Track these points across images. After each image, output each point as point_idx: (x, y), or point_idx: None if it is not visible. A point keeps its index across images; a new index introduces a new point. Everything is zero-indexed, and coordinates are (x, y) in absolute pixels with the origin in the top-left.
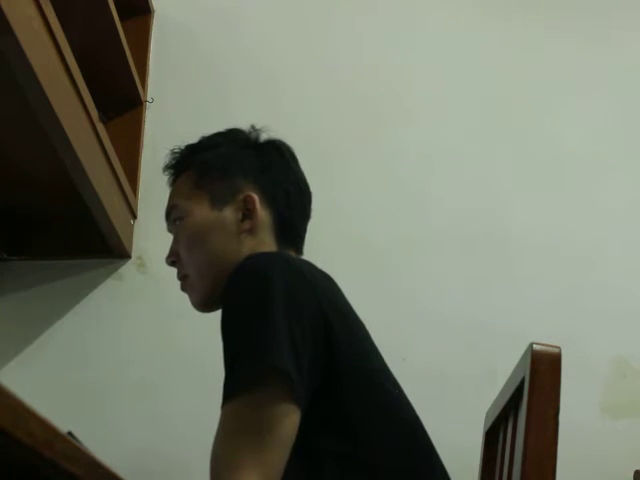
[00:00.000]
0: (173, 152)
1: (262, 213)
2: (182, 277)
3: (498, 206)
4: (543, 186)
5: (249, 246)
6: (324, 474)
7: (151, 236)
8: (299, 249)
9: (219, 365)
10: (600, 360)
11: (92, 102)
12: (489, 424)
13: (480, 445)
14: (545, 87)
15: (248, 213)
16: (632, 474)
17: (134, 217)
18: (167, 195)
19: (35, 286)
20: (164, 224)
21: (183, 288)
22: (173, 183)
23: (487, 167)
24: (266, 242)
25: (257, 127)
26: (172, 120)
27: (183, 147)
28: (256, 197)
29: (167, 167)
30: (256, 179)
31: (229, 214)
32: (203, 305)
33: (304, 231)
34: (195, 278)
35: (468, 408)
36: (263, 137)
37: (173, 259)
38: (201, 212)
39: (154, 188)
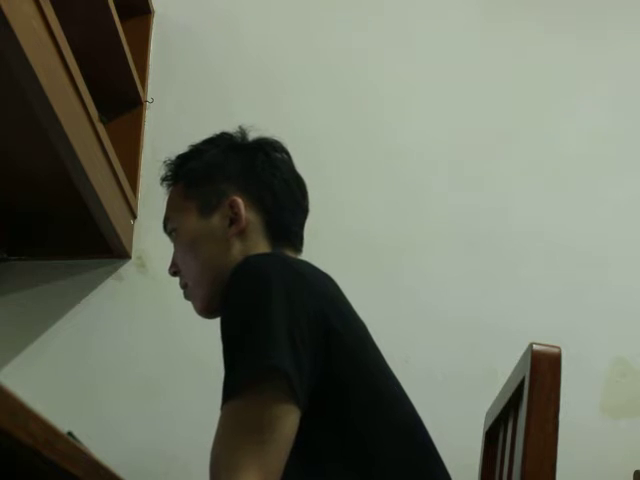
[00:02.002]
0: (165, 164)
1: (249, 215)
2: (183, 286)
3: (499, 205)
4: (544, 185)
5: (240, 249)
6: (325, 474)
7: (151, 236)
8: (296, 246)
9: (219, 365)
10: (600, 360)
11: (92, 102)
12: (489, 424)
13: (480, 445)
14: (545, 86)
15: (235, 217)
16: (632, 474)
17: (134, 217)
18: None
19: (35, 286)
20: None
21: (186, 297)
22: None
23: (487, 166)
24: (259, 243)
25: (244, 128)
26: (172, 120)
27: (174, 158)
28: (240, 200)
29: (162, 180)
30: (240, 182)
31: (217, 221)
32: (206, 311)
33: (300, 227)
34: (193, 286)
35: (468, 408)
36: (250, 138)
37: (174, 269)
38: (191, 222)
39: (154, 188)
